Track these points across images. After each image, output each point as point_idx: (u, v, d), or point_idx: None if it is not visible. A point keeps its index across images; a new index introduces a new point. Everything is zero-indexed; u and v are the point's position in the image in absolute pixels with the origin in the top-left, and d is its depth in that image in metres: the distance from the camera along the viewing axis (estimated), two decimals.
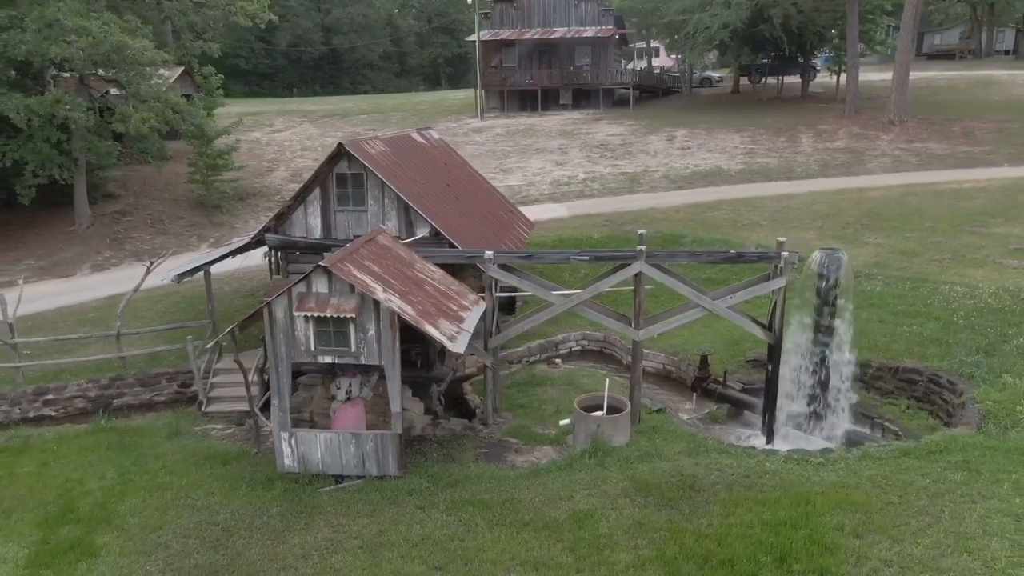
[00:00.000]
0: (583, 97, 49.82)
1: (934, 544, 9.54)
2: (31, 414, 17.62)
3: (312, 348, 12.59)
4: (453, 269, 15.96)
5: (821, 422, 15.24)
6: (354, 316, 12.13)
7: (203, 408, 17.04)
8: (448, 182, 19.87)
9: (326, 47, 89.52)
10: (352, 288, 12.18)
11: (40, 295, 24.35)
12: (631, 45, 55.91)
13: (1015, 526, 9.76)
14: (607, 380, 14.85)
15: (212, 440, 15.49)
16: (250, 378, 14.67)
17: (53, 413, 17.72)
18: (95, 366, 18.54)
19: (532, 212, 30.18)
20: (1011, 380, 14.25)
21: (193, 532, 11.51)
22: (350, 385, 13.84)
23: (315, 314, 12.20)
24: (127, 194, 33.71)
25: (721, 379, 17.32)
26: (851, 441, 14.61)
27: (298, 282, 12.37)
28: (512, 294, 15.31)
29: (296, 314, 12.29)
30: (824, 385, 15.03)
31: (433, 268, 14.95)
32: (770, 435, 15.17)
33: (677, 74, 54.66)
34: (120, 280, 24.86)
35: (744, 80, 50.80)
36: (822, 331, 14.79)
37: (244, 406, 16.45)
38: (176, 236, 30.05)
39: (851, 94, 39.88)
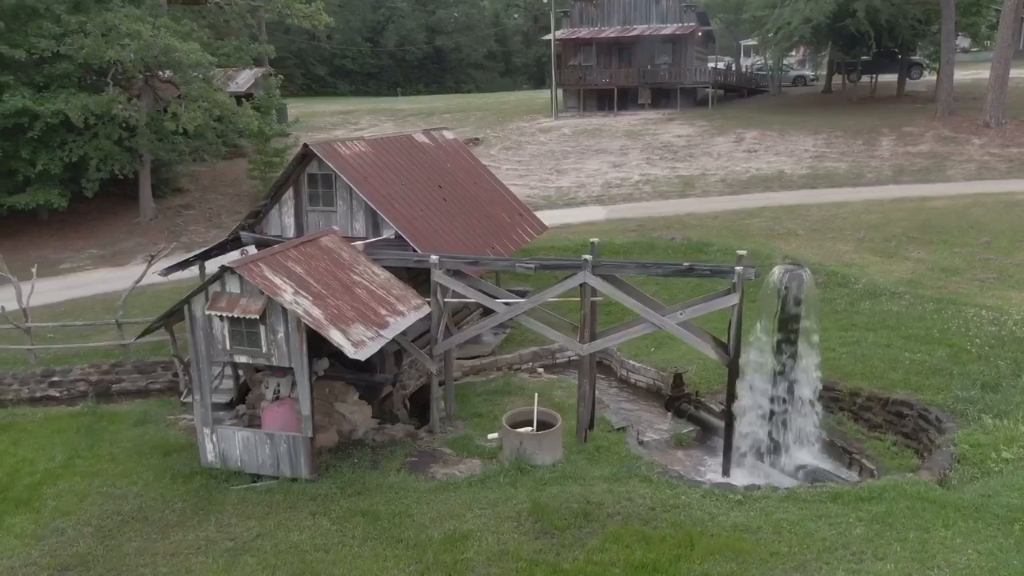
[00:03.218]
0: (663, 97, 48.26)
1: None
2: (38, 394, 18.82)
3: (228, 347, 12.73)
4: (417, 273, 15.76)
5: (785, 454, 13.94)
6: (259, 317, 12.15)
7: (183, 398, 17.64)
8: (442, 184, 19.65)
9: (430, 47, 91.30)
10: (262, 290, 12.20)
11: (89, 282, 26.04)
12: (715, 42, 53.58)
13: None
14: (536, 396, 14.17)
15: (175, 430, 15.93)
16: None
17: (57, 394, 18.86)
18: (103, 352, 19.58)
19: (569, 215, 29.61)
20: (994, 423, 12.49)
21: (94, 521, 11.89)
22: (278, 385, 13.91)
23: (224, 314, 12.31)
24: (196, 189, 35.60)
25: (693, 399, 16.22)
26: (810, 477, 13.28)
27: (212, 281, 12.52)
28: (459, 299, 14.96)
29: (207, 312, 12.45)
30: (785, 414, 13.73)
31: (378, 271, 14.79)
32: (726, 466, 14.02)
33: (766, 72, 51.94)
34: None
35: (843, 79, 47.55)
36: (783, 355, 13.50)
37: (224, 398, 16.93)
38: (228, 230, 31.35)
39: (943, 93, 36.49)
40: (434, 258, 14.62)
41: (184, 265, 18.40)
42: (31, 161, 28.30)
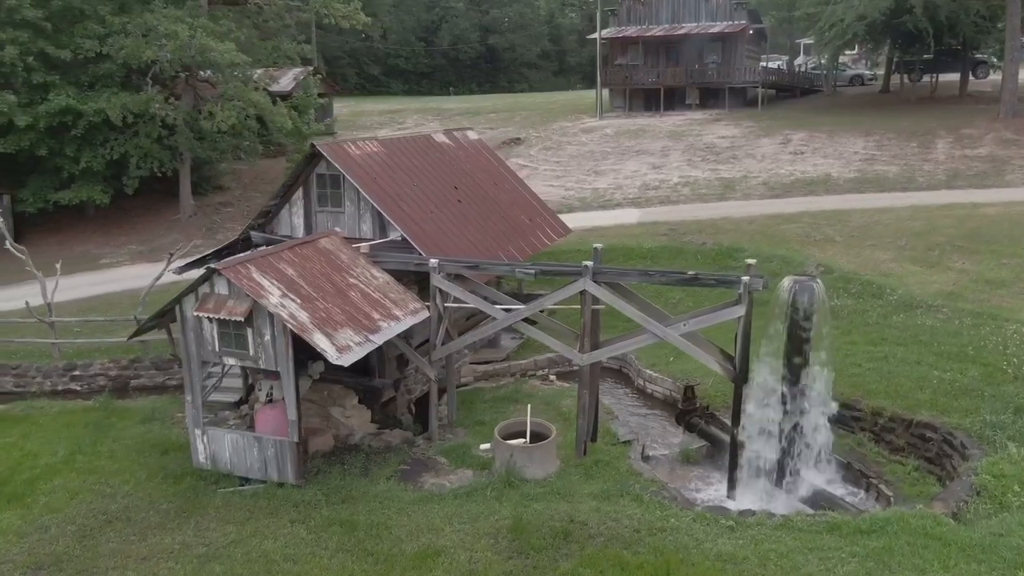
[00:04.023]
0: (711, 97, 47.00)
1: None
2: (59, 387, 19.19)
3: (217, 349, 12.63)
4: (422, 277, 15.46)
5: (794, 476, 13.14)
6: (244, 319, 12.00)
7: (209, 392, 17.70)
8: (458, 184, 19.31)
9: (483, 46, 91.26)
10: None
11: (124, 277, 26.56)
12: (767, 40, 51.89)
13: None
14: (528, 407, 13.68)
15: (178, 429, 15.94)
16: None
17: (78, 388, 19.20)
18: (123, 348, 19.87)
19: (602, 217, 28.95)
20: (1021, 452, 11.50)
21: (79, 519, 11.91)
22: (271, 387, 13.76)
23: (210, 315, 12.20)
24: (237, 187, 36.12)
25: (705, 413, 15.50)
26: (817, 501, 12.48)
27: (202, 282, 12.43)
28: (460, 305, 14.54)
29: (194, 314, 12.37)
30: (794, 433, 12.94)
31: (376, 274, 14.53)
32: (731, 486, 13.31)
33: (820, 72, 50.07)
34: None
35: (901, 79, 45.52)
36: (792, 370, 12.71)
37: (234, 396, 16.98)
38: None
39: (1007, 94, 34.45)
40: (433, 262, 14.29)
41: (199, 263, 18.46)
42: (75, 158, 29.06)
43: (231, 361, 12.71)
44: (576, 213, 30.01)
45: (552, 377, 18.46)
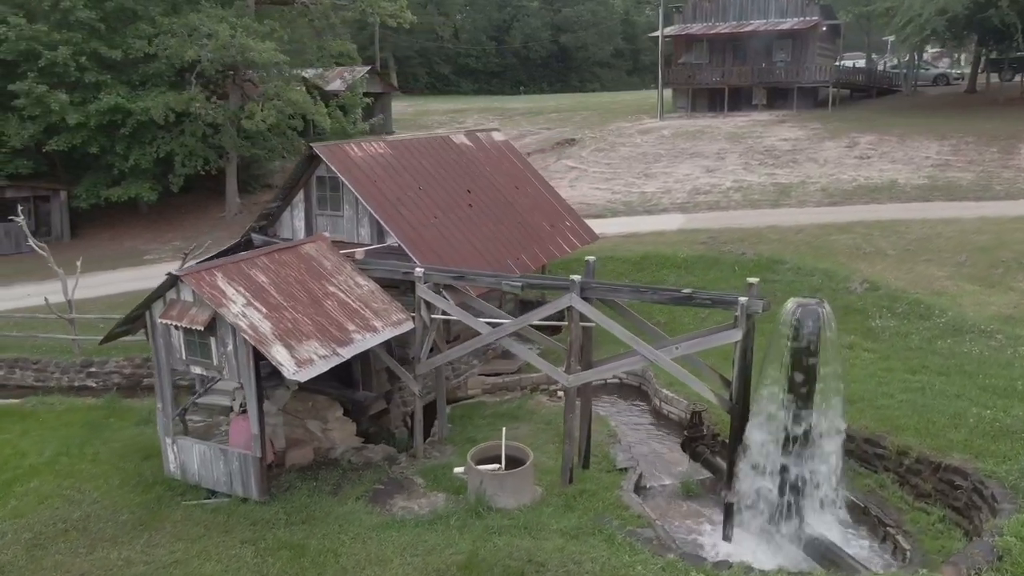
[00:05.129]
0: (780, 97, 44.75)
1: None
2: (76, 383, 19.39)
3: (184, 357, 12.25)
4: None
5: (796, 519, 11.80)
6: (203, 328, 11.55)
7: (195, 398, 17.53)
8: (472, 188, 18.53)
9: (555, 45, 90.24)
10: None
11: (160, 274, 26.83)
12: (842, 37, 49.00)
13: None
14: (503, 429, 12.75)
15: None
16: None
17: (94, 384, 19.35)
18: (141, 345, 19.89)
19: (642, 223, 27.68)
20: None
21: (37, 527, 11.72)
22: (244, 397, 13.29)
23: (173, 323, 11.81)
24: None
25: (712, 441, 14.24)
26: (818, 553, 11.16)
27: (169, 287, 12.06)
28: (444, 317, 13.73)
29: (159, 320, 12.00)
30: (797, 473, 11.60)
31: (362, 282, 13.90)
32: (727, 526, 12.09)
33: (900, 70, 46.97)
34: None
35: (987, 78, 42.27)
36: (796, 403, 11.38)
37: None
38: None
39: None
40: (419, 271, 13.56)
41: (207, 261, 18.31)
42: (124, 156, 29.74)
43: (197, 370, 12.31)
44: (619, 218, 28.84)
45: (560, 393, 17.44)
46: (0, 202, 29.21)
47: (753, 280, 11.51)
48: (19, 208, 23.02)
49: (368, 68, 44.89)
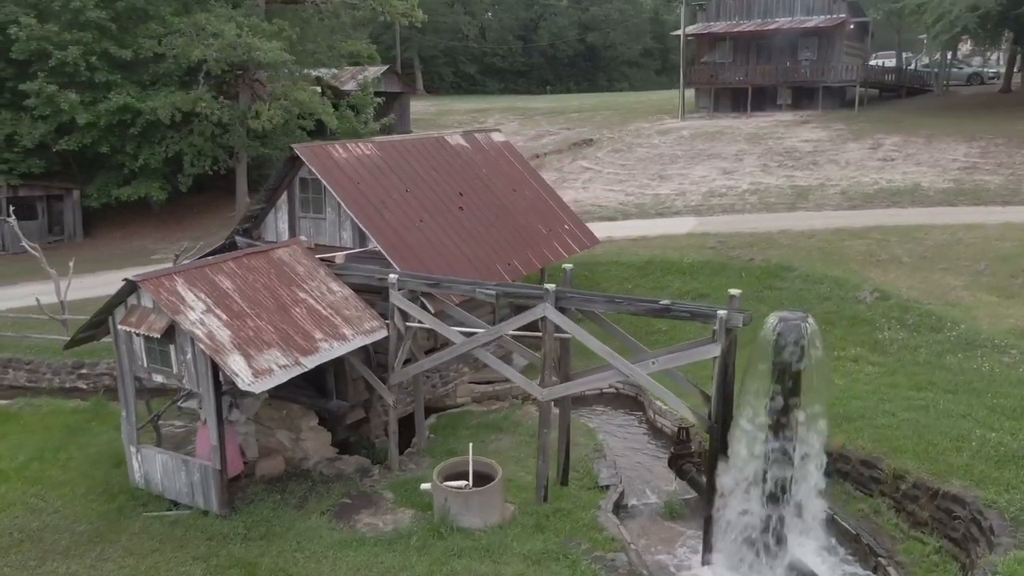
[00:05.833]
0: (806, 97, 43.54)
1: None
2: (67, 384, 19.28)
3: (145, 364, 11.91)
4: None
5: (779, 544, 11.09)
6: (161, 336, 11.19)
7: (180, 403, 17.29)
8: (464, 191, 18.00)
9: (582, 44, 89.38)
10: None
11: None
12: (871, 36, 47.51)
13: None
14: (470, 445, 12.18)
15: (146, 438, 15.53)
16: None
17: (84, 386, 19.22)
18: None
19: (652, 226, 26.92)
20: None
21: None
22: None
23: (132, 330, 11.48)
24: None
25: (698, 460, 13.52)
26: None
27: (129, 293, 11.73)
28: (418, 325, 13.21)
29: (119, 327, 11.68)
30: (777, 496, 10.89)
31: (335, 288, 13.46)
32: (706, 549, 11.42)
33: (931, 69, 45.40)
34: None
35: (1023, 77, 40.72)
36: (779, 424, 10.67)
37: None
38: None
39: None
40: (392, 277, 13.08)
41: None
42: (134, 155, 29.78)
43: (159, 378, 11.98)
44: (630, 220, 28.13)
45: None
46: (14, 201, 29.42)
47: (735, 292, 10.83)
48: (10, 209, 23.02)
49: (385, 68, 44.71)
